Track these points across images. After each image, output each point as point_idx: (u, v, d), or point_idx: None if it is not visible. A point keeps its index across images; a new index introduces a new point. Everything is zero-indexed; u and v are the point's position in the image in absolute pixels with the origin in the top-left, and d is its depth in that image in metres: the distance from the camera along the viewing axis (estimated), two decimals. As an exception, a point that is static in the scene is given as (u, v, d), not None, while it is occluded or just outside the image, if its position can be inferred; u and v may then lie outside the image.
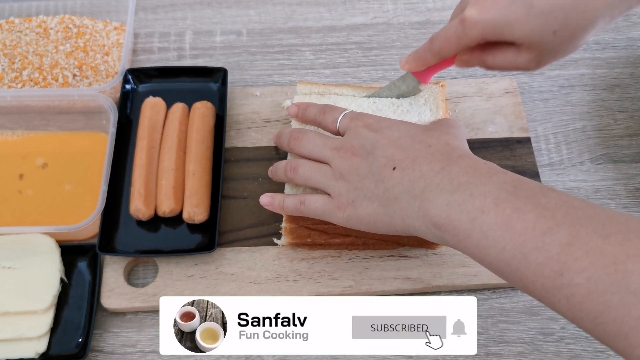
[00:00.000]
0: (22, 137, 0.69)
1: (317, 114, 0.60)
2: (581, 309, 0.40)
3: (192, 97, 0.70)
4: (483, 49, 0.55)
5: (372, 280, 0.61)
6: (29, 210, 0.64)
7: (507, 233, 0.43)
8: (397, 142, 0.52)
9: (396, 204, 0.50)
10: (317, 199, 0.56)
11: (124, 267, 0.61)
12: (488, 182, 0.46)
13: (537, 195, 0.45)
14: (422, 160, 0.50)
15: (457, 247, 0.47)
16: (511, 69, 0.55)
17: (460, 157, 0.50)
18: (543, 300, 0.43)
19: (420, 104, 0.64)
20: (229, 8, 0.81)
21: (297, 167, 0.57)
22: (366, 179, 0.52)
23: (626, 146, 0.71)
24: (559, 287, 0.41)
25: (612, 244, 0.40)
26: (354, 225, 0.54)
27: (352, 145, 0.54)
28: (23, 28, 0.76)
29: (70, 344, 0.58)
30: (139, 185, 0.63)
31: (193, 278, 0.61)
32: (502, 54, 0.54)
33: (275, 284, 0.61)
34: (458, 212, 0.46)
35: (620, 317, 0.38)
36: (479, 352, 0.59)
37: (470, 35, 0.52)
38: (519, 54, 0.53)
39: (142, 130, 0.66)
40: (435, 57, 0.57)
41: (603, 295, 0.39)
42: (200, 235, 0.63)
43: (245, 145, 0.69)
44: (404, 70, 0.61)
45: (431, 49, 0.56)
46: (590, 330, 0.40)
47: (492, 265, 0.45)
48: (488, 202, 0.45)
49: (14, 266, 0.59)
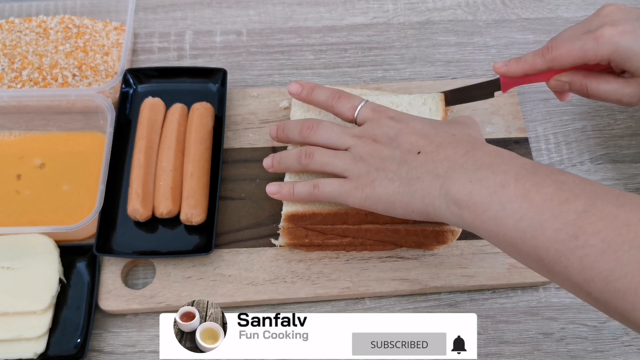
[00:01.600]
0: (20, 137, 0.69)
1: (330, 98, 0.59)
2: (593, 269, 0.42)
3: (191, 97, 0.70)
4: (586, 76, 0.57)
5: (370, 282, 0.61)
6: (27, 211, 0.64)
7: (525, 204, 0.45)
8: (421, 131, 0.54)
9: (418, 183, 0.51)
10: (332, 181, 0.55)
11: (121, 268, 0.61)
12: (509, 163, 0.48)
13: (555, 174, 0.47)
14: (447, 145, 0.52)
15: (474, 224, 0.48)
16: (612, 100, 0.57)
17: (483, 144, 0.52)
18: (555, 267, 0.44)
19: (419, 104, 0.63)
20: (229, 8, 0.81)
21: (312, 153, 0.56)
22: (388, 161, 0.53)
23: (626, 146, 0.71)
24: (574, 249, 0.42)
25: (625, 211, 0.42)
26: (371, 205, 0.53)
27: (375, 133, 0.54)
28: (23, 28, 0.76)
29: (69, 344, 0.58)
30: (136, 185, 0.62)
31: (191, 280, 0.61)
32: (607, 83, 0.57)
33: (272, 286, 0.61)
34: (479, 187, 0.47)
35: (630, 272, 0.40)
36: (479, 352, 0.59)
37: (600, 52, 0.54)
38: (627, 86, 0.56)
39: (140, 130, 0.66)
40: (545, 65, 0.58)
41: (615, 254, 0.41)
42: (198, 237, 0.63)
43: (243, 146, 0.69)
44: (499, 73, 0.60)
45: (546, 55, 0.57)
46: (600, 290, 0.42)
47: (507, 236, 0.46)
48: (508, 177, 0.47)
49: (13, 266, 0.59)
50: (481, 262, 0.62)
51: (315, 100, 0.60)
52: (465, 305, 0.62)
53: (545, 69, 0.58)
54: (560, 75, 0.59)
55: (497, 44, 0.79)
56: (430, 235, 0.60)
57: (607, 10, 0.56)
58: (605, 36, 0.54)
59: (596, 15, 0.57)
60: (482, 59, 0.77)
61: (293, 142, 0.60)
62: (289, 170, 0.59)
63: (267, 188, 0.58)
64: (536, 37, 0.79)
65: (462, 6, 0.82)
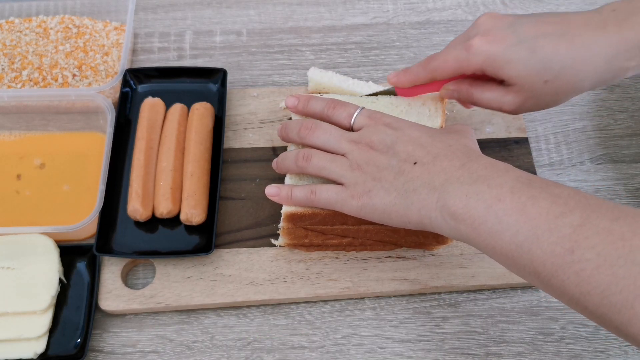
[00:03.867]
0: (20, 137, 0.69)
1: (326, 108, 0.59)
2: (590, 283, 0.42)
3: (191, 97, 0.70)
4: (472, 84, 0.58)
5: (370, 282, 0.61)
6: (27, 211, 0.64)
7: (521, 217, 0.45)
8: (417, 140, 0.54)
9: (414, 195, 0.51)
10: (329, 188, 0.55)
11: (121, 268, 0.61)
12: (504, 176, 0.49)
13: (550, 187, 0.47)
14: (443, 157, 0.52)
15: (470, 237, 0.48)
16: (494, 108, 0.58)
17: (479, 156, 0.52)
18: (551, 281, 0.44)
19: (419, 105, 0.63)
20: (229, 8, 0.81)
21: (310, 156, 0.56)
22: (385, 171, 0.53)
23: (626, 146, 0.71)
24: (570, 264, 0.43)
25: (620, 225, 0.42)
26: (366, 214, 0.54)
27: (372, 139, 0.54)
28: (23, 28, 0.76)
29: (69, 344, 0.58)
30: (136, 185, 0.62)
31: (191, 280, 0.61)
32: (490, 91, 0.57)
33: (272, 286, 0.61)
34: (475, 201, 0.48)
35: (626, 287, 0.40)
36: (478, 352, 0.59)
37: (472, 61, 0.55)
38: (506, 94, 0.57)
39: (140, 130, 0.66)
40: (427, 76, 0.59)
41: (611, 268, 0.41)
42: (198, 237, 0.63)
43: (243, 146, 0.69)
44: (390, 84, 0.62)
45: (426, 66, 0.59)
46: (596, 304, 0.42)
47: (503, 249, 0.46)
48: (504, 191, 0.47)
49: (13, 266, 0.59)
50: (481, 262, 0.62)
51: (311, 111, 0.60)
52: (465, 305, 0.62)
53: (428, 79, 0.59)
54: (448, 84, 0.60)
55: (497, 44, 0.79)
56: (430, 235, 0.60)
57: (481, 20, 0.57)
58: (474, 46, 0.55)
59: (473, 25, 0.57)
60: (482, 59, 0.77)
61: (292, 142, 0.60)
62: (288, 171, 0.60)
63: (266, 190, 0.58)
64: (536, 37, 0.79)
65: (462, 6, 0.82)
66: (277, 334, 0.60)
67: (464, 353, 0.59)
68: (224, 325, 0.60)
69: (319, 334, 0.60)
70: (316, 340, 0.60)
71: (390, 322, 0.61)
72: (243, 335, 0.60)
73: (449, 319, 0.61)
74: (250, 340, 0.59)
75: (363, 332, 0.60)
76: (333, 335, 0.60)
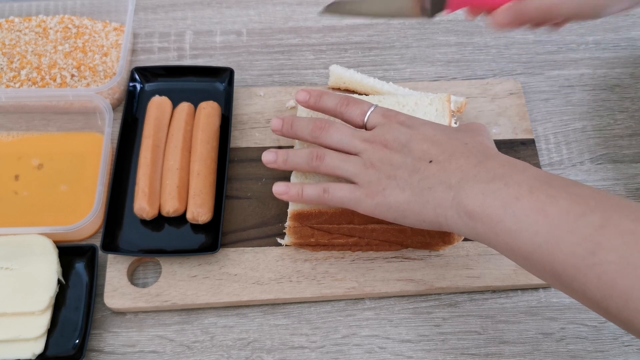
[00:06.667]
0: (18, 137, 0.69)
1: (339, 105, 0.58)
2: (612, 287, 0.41)
3: (198, 96, 0.70)
4: None
5: (376, 282, 0.61)
6: (25, 211, 0.64)
7: (540, 217, 0.44)
8: (432, 138, 0.53)
9: (430, 193, 0.50)
10: (343, 187, 0.54)
11: (127, 266, 0.61)
12: (522, 174, 0.48)
13: (570, 186, 0.46)
14: (459, 155, 0.51)
15: (487, 236, 0.47)
16: None
17: (496, 154, 0.51)
18: (572, 284, 0.43)
19: (426, 104, 0.63)
20: (229, 8, 0.81)
21: (323, 155, 0.55)
22: (400, 169, 0.52)
23: (626, 146, 0.71)
24: (591, 266, 0.42)
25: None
26: (381, 213, 0.53)
27: (386, 138, 0.54)
28: (22, 27, 0.76)
29: (68, 345, 0.57)
30: (143, 184, 0.62)
31: (196, 278, 0.61)
32: None
33: (278, 285, 0.61)
34: (492, 199, 0.47)
35: None
36: (478, 352, 0.59)
37: None
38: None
39: (147, 129, 0.66)
40: None
41: (635, 271, 0.40)
42: (204, 236, 0.63)
43: (249, 146, 0.69)
44: None
45: None
46: (619, 308, 0.41)
47: (522, 250, 0.45)
48: (522, 190, 0.46)
49: (11, 267, 0.59)
50: (487, 263, 0.62)
51: (323, 107, 0.59)
52: (465, 305, 0.62)
53: None
54: None
55: (497, 44, 0.79)
56: (436, 236, 0.60)
57: None
58: None
59: None
60: (482, 59, 0.77)
61: (302, 140, 0.59)
62: (296, 169, 0.59)
63: (273, 188, 0.57)
64: (536, 37, 0.79)
65: (462, 6, 0.82)
66: (277, 334, 0.60)
67: (464, 353, 0.59)
68: (224, 325, 0.60)
69: (319, 334, 0.60)
70: (316, 340, 0.60)
71: (390, 322, 0.61)
72: (243, 335, 0.60)
73: (449, 319, 0.61)
74: (250, 340, 0.59)
75: (363, 332, 0.60)
76: (333, 335, 0.60)
